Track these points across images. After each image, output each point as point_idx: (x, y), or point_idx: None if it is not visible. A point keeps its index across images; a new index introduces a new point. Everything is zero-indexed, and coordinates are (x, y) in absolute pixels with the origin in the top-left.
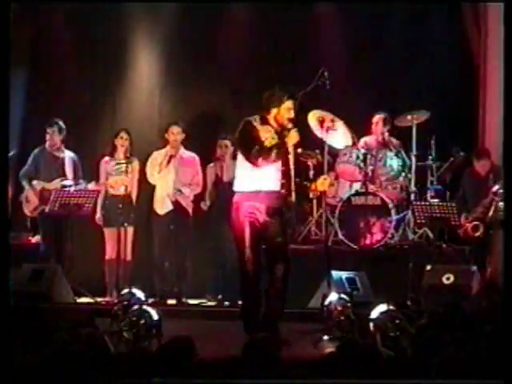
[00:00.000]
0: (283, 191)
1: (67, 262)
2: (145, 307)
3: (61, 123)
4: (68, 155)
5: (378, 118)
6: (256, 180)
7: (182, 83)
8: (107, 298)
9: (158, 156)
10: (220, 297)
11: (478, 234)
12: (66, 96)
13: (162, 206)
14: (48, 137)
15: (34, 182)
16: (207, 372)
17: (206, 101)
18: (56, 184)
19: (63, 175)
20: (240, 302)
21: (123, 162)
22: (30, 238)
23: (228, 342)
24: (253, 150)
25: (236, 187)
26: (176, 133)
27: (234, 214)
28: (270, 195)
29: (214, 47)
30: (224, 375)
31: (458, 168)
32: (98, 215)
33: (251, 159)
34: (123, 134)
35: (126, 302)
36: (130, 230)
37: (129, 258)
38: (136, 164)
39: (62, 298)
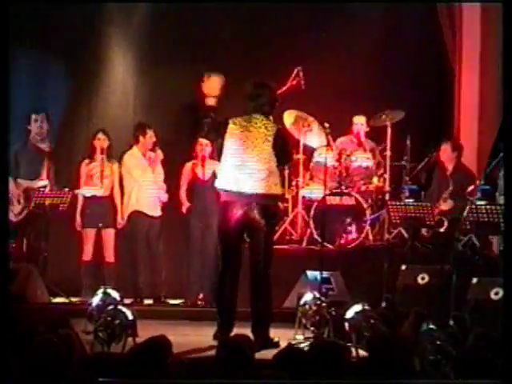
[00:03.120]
0: (267, 190)
1: (42, 262)
2: (120, 307)
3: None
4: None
5: (357, 119)
6: (241, 179)
7: (157, 83)
8: (82, 299)
9: (138, 154)
10: (201, 296)
11: (442, 229)
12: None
13: (153, 207)
14: (35, 125)
15: (19, 181)
16: (182, 372)
17: (181, 100)
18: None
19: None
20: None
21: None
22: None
23: (205, 342)
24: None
25: (221, 186)
26: (152, 135)
27: (219, 211)
28: (255, 194)
29: (188, 47)
30: (199, 375)
31: (432, 168)
32: (78, 221)
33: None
34: (100, 135)
35: (100, 302)
36: (111, 231)
37: (112, 259)
38: (116, 165)
39: (37, 299)
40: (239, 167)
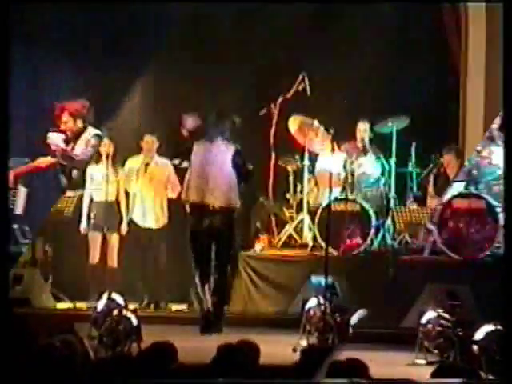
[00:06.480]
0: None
1: (46, 267)
2: (124, 312)
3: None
4: None
5: (362, 125)
6: (205, 192)
7: (161, 88)
8: (87, 303)
9: (132, 163)
10: None
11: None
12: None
13: (152, 217)
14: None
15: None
16: (187, 377)
17: (188, 106)
18: None
19: None
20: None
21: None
22: None
23: (210, 348)
24: None
25: (187, 198)
26: (150, 142)
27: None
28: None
29: (192, 49)
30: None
31: (437, 174)
32: (84, 225)
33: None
34: (106, 141)
35: (105, 308)
36: (115, 236)
37: (115, 264)
38: (121, 171)
39: (42, 303)
40: (203, 182)
